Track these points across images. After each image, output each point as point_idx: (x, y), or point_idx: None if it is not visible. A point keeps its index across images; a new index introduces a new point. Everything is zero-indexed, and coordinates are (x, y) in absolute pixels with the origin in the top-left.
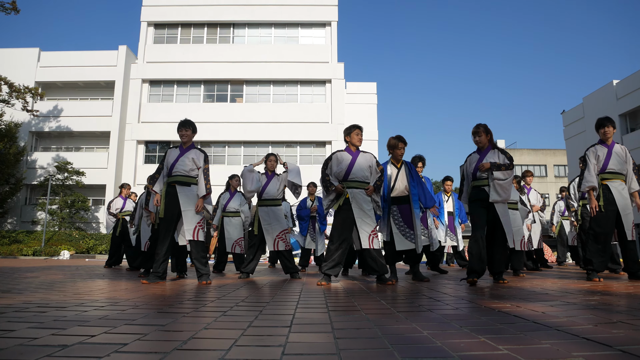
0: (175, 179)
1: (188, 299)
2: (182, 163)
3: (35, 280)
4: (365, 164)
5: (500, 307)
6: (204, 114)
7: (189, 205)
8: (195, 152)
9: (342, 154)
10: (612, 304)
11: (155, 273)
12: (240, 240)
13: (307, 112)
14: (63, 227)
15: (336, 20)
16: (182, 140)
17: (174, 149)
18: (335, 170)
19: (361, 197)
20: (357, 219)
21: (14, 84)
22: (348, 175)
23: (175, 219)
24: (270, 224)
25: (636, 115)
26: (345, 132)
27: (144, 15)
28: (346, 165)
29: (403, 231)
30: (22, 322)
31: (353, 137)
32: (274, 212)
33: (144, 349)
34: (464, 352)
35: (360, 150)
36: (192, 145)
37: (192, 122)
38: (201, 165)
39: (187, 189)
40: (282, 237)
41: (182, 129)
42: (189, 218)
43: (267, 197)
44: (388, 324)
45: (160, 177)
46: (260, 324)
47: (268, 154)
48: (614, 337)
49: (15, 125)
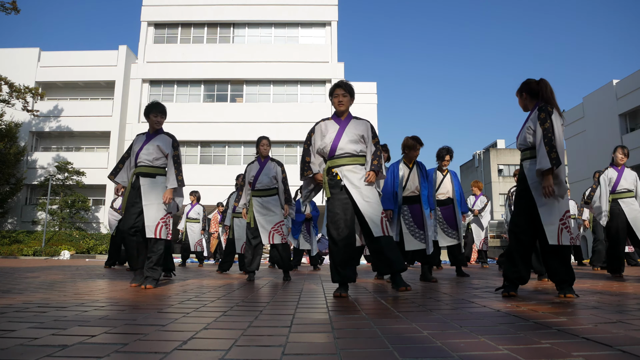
0: (139, 169)
1: (188, 299)
2: (146, 151)
3: (35, 281)
4: (356, 134)
5: (500, 307)
6: (204, 114)
7: (151, 198)
8: (162, 138)
9: (326, 123)
10: (612, 304)
11: (141, 270)
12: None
13: (307, 112)
14: (63, 227)
15: (336, 20)
16: (153, 128)
17: (141, 136)
18: (319, 146)
19: (356, 174)
20: (358, 202)
21: (14, 84)
22: (334, 150)
23: (141, 210)
24: (265, 216)
25: (636, 115)
26: (329, 95)
27: (144, 15)
28: (332, 137)
29: (413, 231)
30: (22, 322)
31: (334, 102)
32: (268, 203)
33: (144, 349)
34: (464, 352)
35: (352, 117)
36: (160, 131)
37: (162, 105)
38: (169, 152)
39: (150, 181)
40: (278, 230)
41: (152, 114)
42: (151, 213)
43: (260, 186)
44: (388, 324)
45: (125, 167)
46: (260, 324)
47: (260, 137)
48: (614, 337)
49: (16, 125)
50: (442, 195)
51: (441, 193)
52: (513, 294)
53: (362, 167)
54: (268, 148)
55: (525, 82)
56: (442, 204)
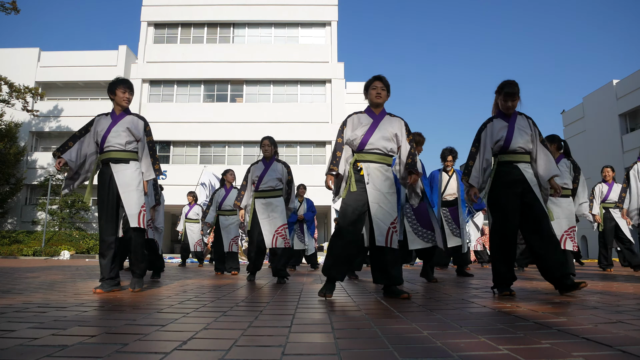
0: (108, 155)
1: (188, 299)
2: (115, 134)
3: (35, 281)
4: (390, 131)
5: (500, 307)
6: (204, 114)
7: (130, 185)
8: (131, 120)
9: (360, 116)
10: (612, 304)
11: (109, 279)
12: (236, 239)
13: (307, 112)
14: (63, 227)
15: (336, 20)
16: (121, 106)
17: (104, 117)
18: (349, 137)
19: (380, 176)
20: (371, 204)
21: (14, 84)
22: (364, 144)
23: (116, 206)
24: (269, 218)
25: (636, 115)
26: (364, 89)
27: (144, 15)
28: (364, 131)
29: (416, 230)
30: (22, 322)
31: (371, 93)
32: (273, 205)
33: (144, 349)
34: (464, 352)
35: (386, 113)
36: (127, 111)
37: (129, 81)
38: (141, 137)
39: (126, 167)
40: (282, 233)
41: (119, 89)
42: (131, 201)
43: (265, 187)
44: (388, 324)
45: (75, 147)
46: (260, 324)
47: (262, 137)
48: (614, 337)
49: (16, 125)
50: (450, 196)
51: (449, 194)
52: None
53: (389, 168)
54: (269, 149)
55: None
56: (450, 204)
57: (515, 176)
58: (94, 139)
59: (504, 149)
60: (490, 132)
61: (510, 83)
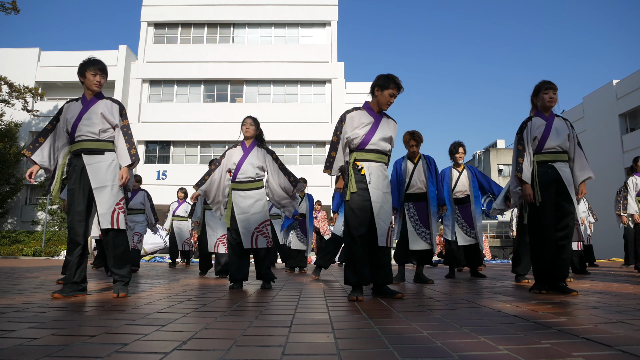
0: (79, 145)
1: (188, 299)
2: (87, 122)
3: (35, 281)
4: (388, 133)
5: (500, 307)
6: (204, 114)
7: (103, 180)
8: (105, 104)
9: (359, 114)
10: (612, 304)
11: (73, 283)
12: (223, 238)
13: (307, 112)
14: (63, 227)
15: (336, 20)
16: (92, 90)
17: (74, 102)
18: (350, 135)
19: (381, 175)
20: (374, 204)
21: (14, 84)
22: (365, 144)
23: (88, 203)
24: (246, 214)
25: (636, 115)
26: (374, 85)
27: (144, 15)
28: (366, 130)
29: (418, 230)
30: (22, 322)
31: (385, 94)
32: (251, 198)
33: (144, 349)
34: (464, 352)
35: (384, 114)
36: (100, 95)
37: (102, 62)
38: (117, 122)
39: (99, 158)
40: (262, 231)
41: (89, 71)
42: (104, 198)
43: (243, 177)
44: (388, 324)
45: (47, 142)
46: (260, 324)
47: (245, 117)
48: (614, 337)
49: (16, 125)
50: (460, 193)
51: (459, 191)
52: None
53: (386, 167)
54: (251, 128)
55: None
56: (460, 202)
57: (550, 176)
58: (64, 128)
59: (539, 147)
60: (530, 129)
61: (548, 80)
